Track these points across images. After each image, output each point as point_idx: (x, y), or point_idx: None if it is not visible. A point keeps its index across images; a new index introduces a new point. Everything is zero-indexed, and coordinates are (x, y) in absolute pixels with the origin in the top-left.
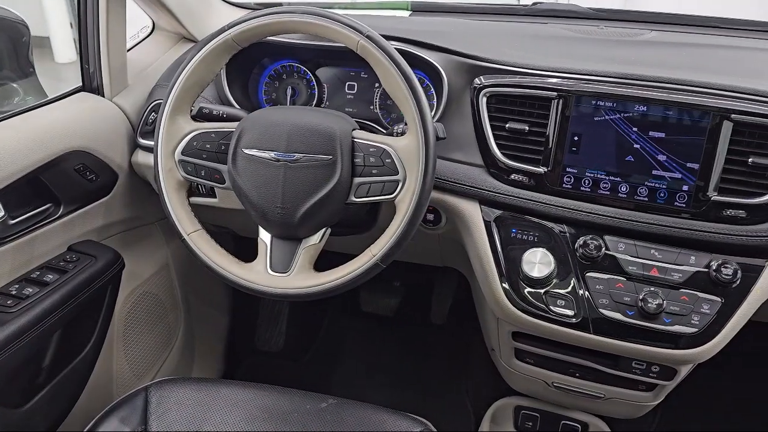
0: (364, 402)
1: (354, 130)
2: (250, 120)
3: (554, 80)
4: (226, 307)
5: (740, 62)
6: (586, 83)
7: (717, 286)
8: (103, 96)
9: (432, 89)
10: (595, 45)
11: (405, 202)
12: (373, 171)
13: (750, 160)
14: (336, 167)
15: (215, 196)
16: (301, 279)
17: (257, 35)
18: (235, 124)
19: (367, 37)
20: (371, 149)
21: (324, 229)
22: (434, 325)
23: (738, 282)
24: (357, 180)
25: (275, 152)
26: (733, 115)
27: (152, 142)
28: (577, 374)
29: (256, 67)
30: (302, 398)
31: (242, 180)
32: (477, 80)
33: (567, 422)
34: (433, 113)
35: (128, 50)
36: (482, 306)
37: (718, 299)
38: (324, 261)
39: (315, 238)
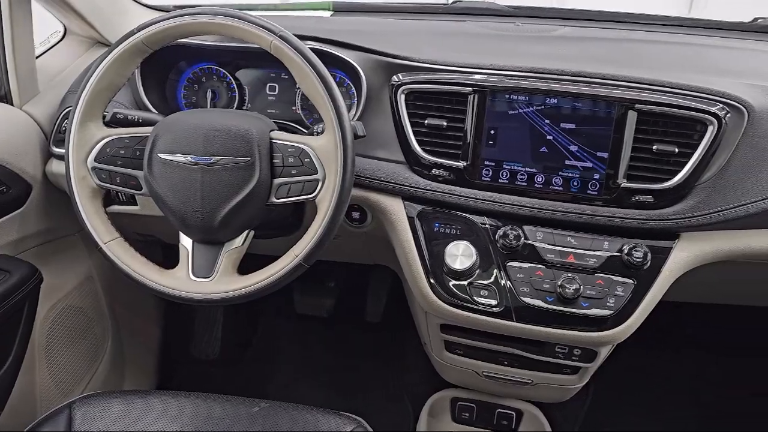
0: (298, 404)
1: (272, 130)
2: (165, 124)
3: (469, 76)
4: (157, 316)
5: (645, 55)
6: (500, 78)
7: (630, 269)
8: (12, 104)
9: (353, 88)
10: (510, 41)
11: (325, 201)
12: (293, 171)
13: (654, 147)
14: (254, 169)
15: (136, 204)
16: (225, 283)
17: (168, 37)
18: (150, 128)
19: (280, 37)
20: (290, 149)
21: (246, 232)
22: (370, 323)
23: (648, 264)
24: (277, 181)
25: (192, 156)
26: (637, 105)
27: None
28: (506, 362)
29: (172, 70)
30: (234, 404)
31: (159, 185)
32: (395, 78)
33: (502, 410)
34: (353, 112)
35: (38, 56)
36: (412, 300)
37: (631, 281)
38: (254, 264)
39: (237, 242)
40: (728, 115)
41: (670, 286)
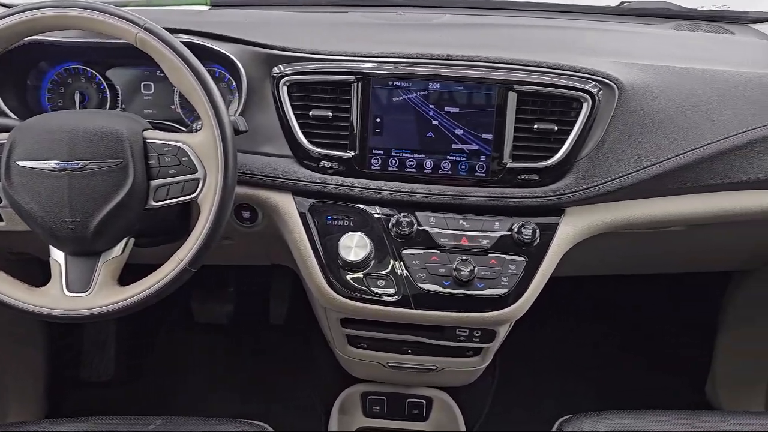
0: (197, 417)
1: (145, 130)
2: (22, 129)
3: (352, 65)
4: (40, 339)
5: (523, 39)
6: (382, 66)
7: (520, 247)
8: None
9: (234, 83)
10: (392, 30)
11: (208, 200)
12: (170, 171)
13: (535, 126)
14: (128, 171)
15: (2, 219)
16: (104, 296)
17: (18, 34)
18: (6, 135)
19: (145, 29)
20: (166, 148)
21: (126, 240)
22: (275, 326)
23: (538, 240)
24: (154, 183)
25: (56, 161)
26: (516, 86)
27: None
28: (409, 351)
29: (32, 72)
30: (128, 424)
31: (20, 196)
32: (276, 69)
33: (412, 400)
34: (234, 107)
35: None
36: (312, 297)
37: (523, 259)
38: (142, 274)
39: (116, 251)
40: (600, 92)
41: (560, 260)
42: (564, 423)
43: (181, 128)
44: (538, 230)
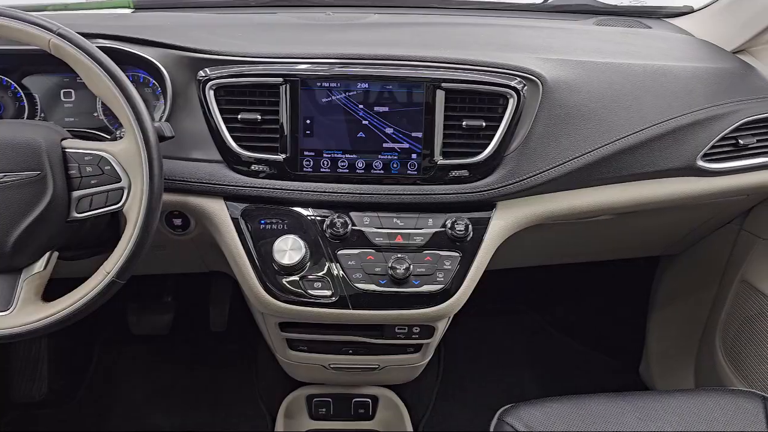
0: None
1: (64, 139)
2: None
3: (280, 66)
4: None
5: (451, 37)
6: (310, 67)
7: (454, 242)
8: None
9: (159, 88)
10: (321, 30)
11: (134, 210)
12: (93, 181)
13: (464, 123)
14: (47, 183)
15: None
16: (27, 314)
17: None
18: None
19: (59, 34)
20: (86, 158)
21: (48, 254)
22: (216, 333)
23: (471, 235)
24: (76, 194)
25: None
26: (443, 84)
27: None
28: (350, 351)
29: None
30: None
31: None
32: (201, 73)
33: (358, 399)
34: (162, 112)
35: None
36: (251, 303)
37: (457, 254)
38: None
39: (38, 266)
40: (525, 87)
41: (494, 253)
42: (504, 413)
43: (106, 136)
44: (470, 225)
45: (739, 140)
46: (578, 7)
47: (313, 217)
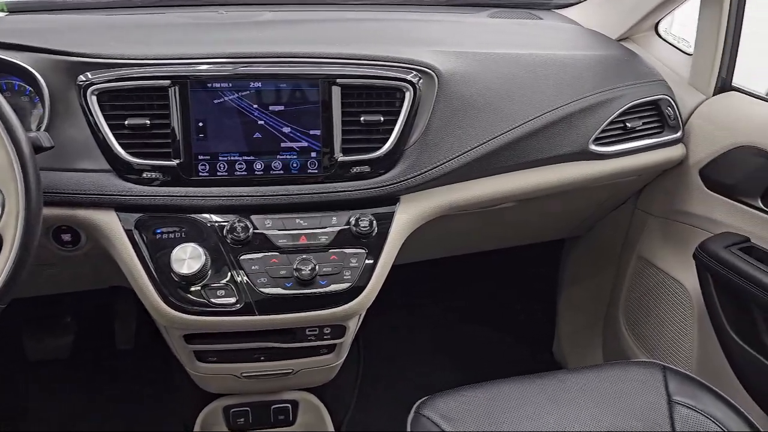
0: None
1: None
2: None
3: (167, 68)
4: None
5: (345, 32)
6: (199, 67)
7: (360, 239)
8: None
9: (36, 96)
10: (212, 29)
11: (10, 227)
12: None
13: (362, 118)
14: None
15: None
16: None
17: None
18: None
19: None
20: None
21: None
22: (123, 351)
23: (376, 231)
24: None
25: None
26: (338, 80)
27: None
28: (262, 357)
29: None
30: None
31: None
32: (82, 78)
33: (277, 406)
34: (40, 122)
35: None
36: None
37: (363, 251)
38: None
39: None
40: (421, 80)
41: (402, 247)
42: (420, 406)
43: None
44: (375, 221)
45: (627, 123)
46: (472, 1)
47: (212, 223)
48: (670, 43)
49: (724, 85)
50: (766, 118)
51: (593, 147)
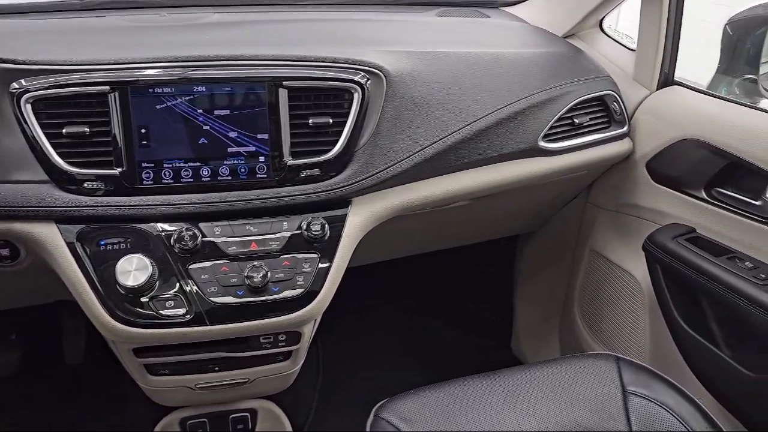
0: None
1: None
2: None
3: (105, 73)
4: None
5: (293, 33)
6: (139, 72)
7: (312, 244)
8: None
9: None
10: (154, 32)
11: None
12: None
13: (311, 121)
14: None
15: None
16: None
17: None
18: None
19: None
20: None
21: None
22: (73, 367)
23: (328, 235)
24: None
25: None
26: (285, 82)
27: None
28: (216, 368)
29: None
30: None
31: None
32: (15, 85)
33: (236, 415)
34: None
35: None
36: None
37: (316, 255)
38: None
39: None
40: (369, 81)
41: (355, 250)
42: (379, 409)
43: None
44: (327, 224)
45: (575, 120)
46: (420, 0)
47: (158, 233)
48: (614, 40)
49: (667, 79)
50: (707, 111)
51: (542, 144)
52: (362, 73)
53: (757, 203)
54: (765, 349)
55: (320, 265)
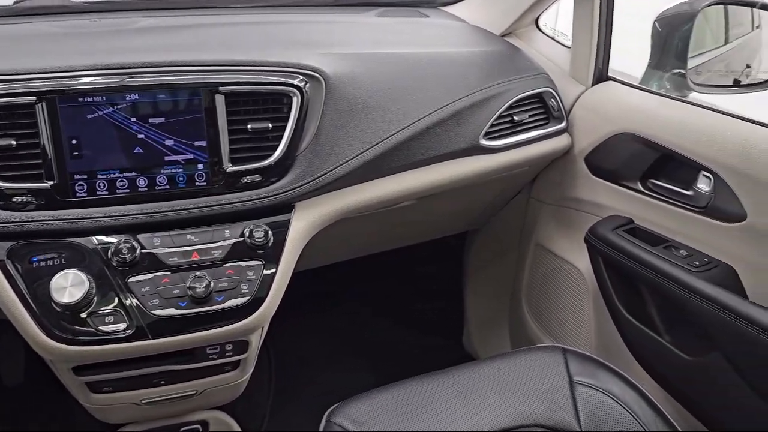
0: None
1: None
2: None
3: (31, 83)
4: None
5: (229, 37)
6: (70, 80)
7: (255, 251)
8: None
9: None
10: (84, 39)
11: None
12: None
13: (249, 126)
14: None
15: None
16: None
17: None
18: None
19: None
20: None
21: None
22: (12, 389)
23: (272, 241)
24: None
25: None
26: (221, 88)
27: None
28: (162, 382)
29: None
30: None
31: None
32: None
33: (186, 428)
34: None
35: None
36: None
37: (260, 262)
38: None
39: None
40: (308, 85)
41: (301, 255)
42: (331, 414)
43: None
44: (270, 231)
45: (514, 117)
46: (359, 1)
47: (95, 246)
48: (550, 37)
49: (601, 75)
50: (639, 105)
51: (484, 142)
52: (301, 77)
53: (688, 193)
54: (700, 334)
55: (265, 272)
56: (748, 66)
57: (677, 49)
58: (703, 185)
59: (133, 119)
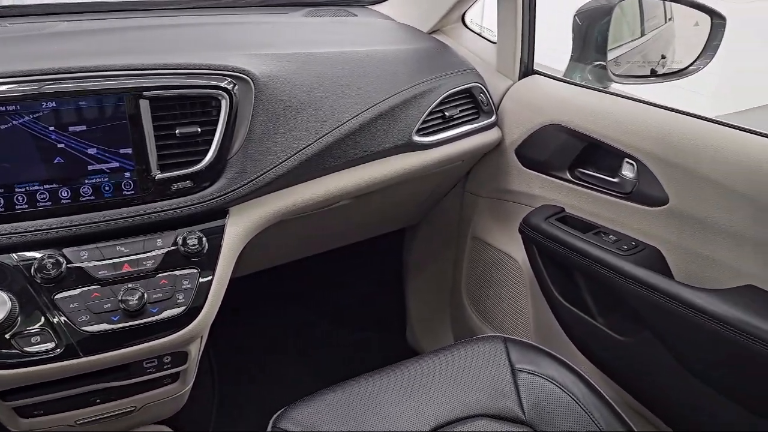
0: None
1: None
2: None
3: None
4: None
5: (152, 40)
6: None
7: (190, 259)
8: None
9: None
10: None
11: None
12: None
13: (177, 131)
14: None
15: None
16: None
17: None
18: None
19: None
20: None
21: None
22: None
23: (206, 248)
24: None
25: None
26: (145, 92)
27: None
28: (98, 400)
29: None
30: None
31: None
32: None
33: None
34: None
35: None
36: None
37: (195, 270)
38: None
39: None
40: (236, 87)
41: (238, 260)
42: (277, 419)
43: None
44: (204, 237)
45: (445, 113)
46: (286, 1)
47: (16, 264)
48: (477, 34)
49: (527, 69)
50: (564, 97)
51: (416, 138)
52: (228, 79)
53: (614, 180)
54: (631, 314)
55: (201, 280)
56: (663, 56)
57: (597, 42)
58: (628, 172)
59: (52, 128)
